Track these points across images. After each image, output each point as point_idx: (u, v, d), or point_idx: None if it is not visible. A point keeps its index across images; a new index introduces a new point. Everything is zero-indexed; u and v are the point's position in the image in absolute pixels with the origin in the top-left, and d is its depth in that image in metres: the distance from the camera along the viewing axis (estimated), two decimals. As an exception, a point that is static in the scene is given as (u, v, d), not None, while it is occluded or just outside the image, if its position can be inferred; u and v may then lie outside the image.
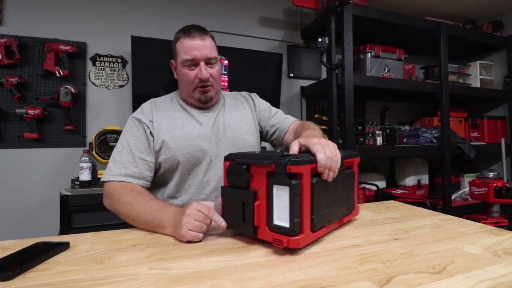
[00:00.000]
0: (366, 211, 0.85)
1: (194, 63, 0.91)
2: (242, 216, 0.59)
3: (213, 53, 0.93)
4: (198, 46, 0.90)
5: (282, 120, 1.08)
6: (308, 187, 0.55)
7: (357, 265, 0.48)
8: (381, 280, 0.42)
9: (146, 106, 0.97)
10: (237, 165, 0.60)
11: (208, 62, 0.92)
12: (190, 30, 0.92)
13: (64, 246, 0.58)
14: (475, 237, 0.61)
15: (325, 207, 0.60)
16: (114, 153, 0.89)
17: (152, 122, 0.92)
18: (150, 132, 0.90)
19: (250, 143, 1.00)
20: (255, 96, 1.13)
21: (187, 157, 0.90)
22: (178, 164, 0.90)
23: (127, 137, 0.90)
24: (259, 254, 0.54)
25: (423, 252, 0.53)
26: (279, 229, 0.54)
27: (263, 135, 1.11)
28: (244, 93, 1.14)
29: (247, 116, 1.04)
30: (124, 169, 0.84)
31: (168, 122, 0.93)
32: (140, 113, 0.94)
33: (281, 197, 0.54)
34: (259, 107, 1.09)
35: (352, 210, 0.72)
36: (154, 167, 0.91)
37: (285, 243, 0.53)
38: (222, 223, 0.62)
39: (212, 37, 0.96)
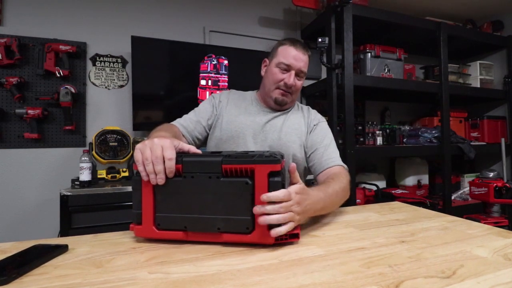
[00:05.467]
0: (370, 213, 0.84)
1: (288, 68, 1.01)
2: None
3: (306, 68, 1.04)
4: (298, 57, 1.00)
5: (324, 160, 0.99)
6: (149, 186, 0.60)
7: (364, 269, 0.46)
8: (389, 285, 0.41)
9: (225, 91, 1.16)
10: None
11: (298, 74, 1.02)
12: (296, 42, 1.03)
13: (63, 248, 0.57)
14: (483, 239, 0.60)
15: (178, 211, 0.60)
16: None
17: (221, 101, 1.09)
18: (216, 109, 1.07)
19: (292, 152, 1.02)
20: (319, 117, 1.12)
21: (230, 141, 1.01)
22: (220, 142, 1.02)
23: (199, 105, 1.10)
24: (262, 257, 0.53)
25: (431, 256, 0.51)
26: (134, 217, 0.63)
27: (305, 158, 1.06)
28: (308, 109, 1.15)
29: (300, 128, 1.07)
30: (182, 120, 1.03)
31: (232, 108, 1.07)
32: (218, 93, 1.14)
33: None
34: (315, 129, 1.07)
35: (248, 231, 0.57)
36: (204, 131, 1.06)
37: (131, 227, 0.63)
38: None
39: (310, 57, 1.06)
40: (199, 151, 0.66)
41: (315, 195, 0.67)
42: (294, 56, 1.00)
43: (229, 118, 1.04)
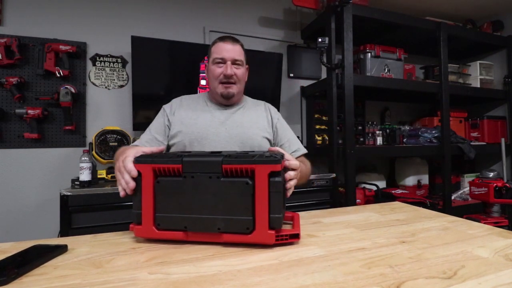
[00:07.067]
0: (371, 213, 0.84)
1: (222, 61, 1.07)
2: None
3: (240, 56, 1.09)
4: (228, 49, 1.07)
5: (290, 153, 1.11)
6: (149, 186, 0.60)
7: (365, 270, 0.46)
8: (390, 285, 0.41)
9: (175, 99, 1.18)
10: None
11: (234, 63, 1.08)
12: (224, 37, 1.11)
13: (62, 249, 0.57)
14: (484, 240, 0.59)
15: (178, 211, 0.60)
16: (144, 133, 1.13)
17: (174, 112, 1.11)
18: (168, 120, 1.10)
19: (259, 143, 1.08)
20: (275, 111, 1.22)
21: (194, 144, 1.04)
22: (185, 148, 1.05)
23: (153, 122, 1.13)
24: (262, 258, 0.52)
25: (432, 256, 0.51)
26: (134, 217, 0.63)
27: None
28: (265, 104, 1.23)
29: (261, 121, 1.14)
30: (139, 142, 1.08)
31: (188, 112, 1.11)
32: (168, 104, 1.16)
33: None
34: (277, 125, 1.17)
35: (248, 231, 0.57)
36: (165, 147, 1.07)
37: (131, 227, 0.63)
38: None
39: (242, 46, 1.13)
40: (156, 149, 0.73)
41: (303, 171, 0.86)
42: (224, 49, 1.07)
43: (189, 121, 1.08)
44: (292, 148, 1.14)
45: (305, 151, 1.18)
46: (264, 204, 0.56)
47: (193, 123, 1.07)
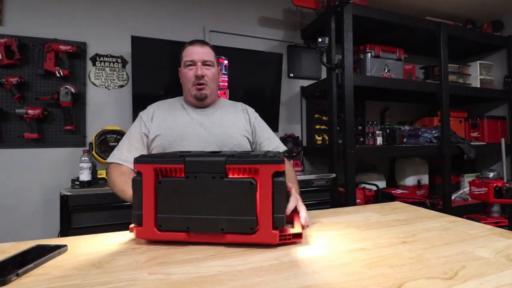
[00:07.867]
0: (371, 213, 0.83)
1: (193, 63, 1.10)
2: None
3: (210, 57, 1.12)
4: (197, 51, 1.11)
5: (271, 149, 1.17)
6: (150, 186, 0.59)
7: (366, 270, 0.46)
8: (391, 286, 0.41)
9: (152, 105, 1.18)
10: None
11: (205, 64, 1.11)
12: (193, 41, 1.15)
13: (62, 249, 0.57)
14: (485, 240, 0.59)
15: (180, 212, 0.59)
16: (121, 140, 1.13)
17: (151, 118, 1.12)
18: (145, 126, 1.11)
19: (239, 142, 1.11)
20: (252, 111, 1.25)
21: (173, 145, 1.05)
22: (164, 150, 1.06)
23: (131, 129, 1.13)
24: (262, 258, 0.52)
25: (433, 256, 0.51)
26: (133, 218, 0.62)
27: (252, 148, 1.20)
28: (242, 105, 1.27)
29: (240, 120, 1.17)
30: (119, 154, 1.06)
31: (165, 116, 1.12)
32: (145, 111, 1.16)
33: None
34: (255, 124, 1.20)
35: (251, 231, 0.57)
36: (146, 153, 1.08)
37: (130, 229, 0.63)
38: None
39: (212, 48, 1.16)
40: None
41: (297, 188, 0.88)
42: (194, 51, 1.11)
43: (167, 124, 1.10)
44: (271, 146, 1.17)
45: (284, 148, 1.20)
46: (268, 204, 0.56)
47: (172, 126, 1.09)
